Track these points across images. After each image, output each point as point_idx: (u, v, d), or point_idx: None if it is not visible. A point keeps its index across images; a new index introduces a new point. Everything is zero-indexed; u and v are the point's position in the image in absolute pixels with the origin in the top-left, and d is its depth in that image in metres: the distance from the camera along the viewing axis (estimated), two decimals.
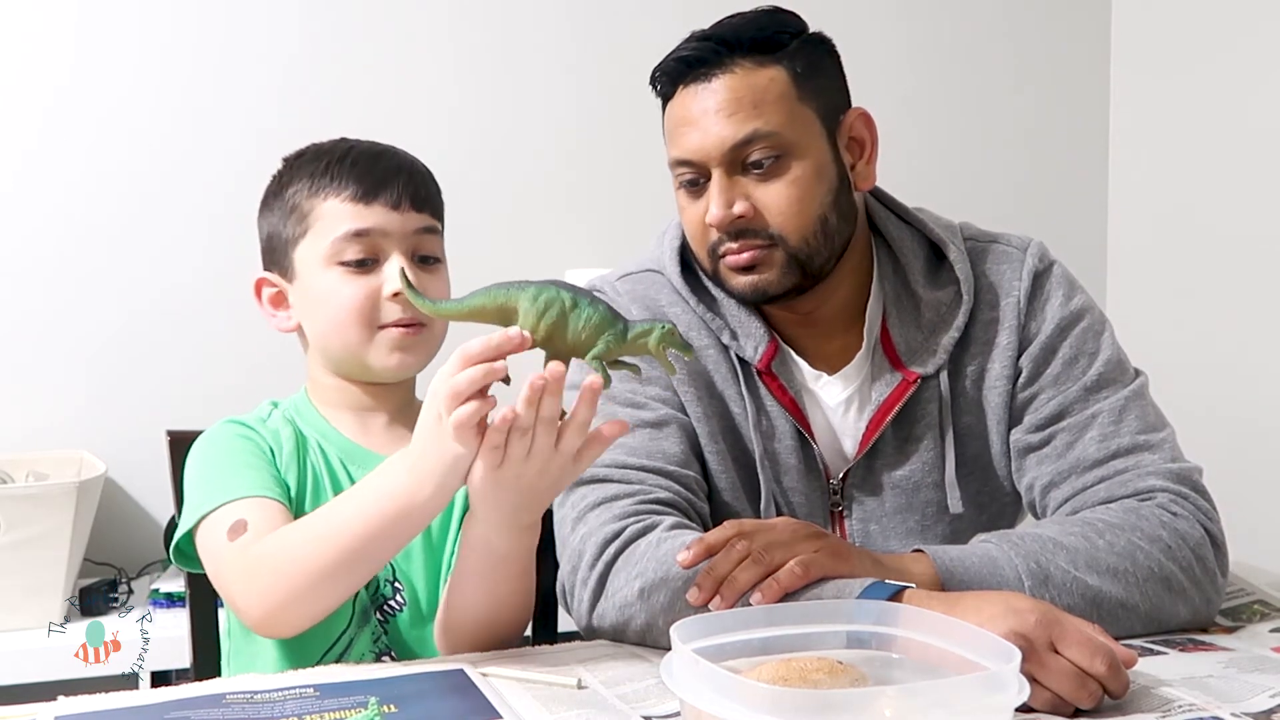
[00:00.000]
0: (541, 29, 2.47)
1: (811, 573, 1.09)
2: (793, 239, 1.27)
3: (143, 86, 2.25)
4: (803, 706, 0.81)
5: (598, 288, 1.39)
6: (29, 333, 2.21)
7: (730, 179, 1.26)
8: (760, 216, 1.26)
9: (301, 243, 1.30)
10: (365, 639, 1.29)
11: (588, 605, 1.19)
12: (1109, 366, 1.31)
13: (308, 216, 1.29)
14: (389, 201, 1.28)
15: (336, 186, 1.28)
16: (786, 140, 1.25)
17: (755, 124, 1.24)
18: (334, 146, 1.33)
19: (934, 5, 2.72)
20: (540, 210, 2.47)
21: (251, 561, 1.15)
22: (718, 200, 1.26)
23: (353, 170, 1.29)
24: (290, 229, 1.31)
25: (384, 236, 1.28)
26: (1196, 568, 1.19)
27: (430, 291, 1.27)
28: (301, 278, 1.30)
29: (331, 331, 1.29)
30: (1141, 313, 2.71)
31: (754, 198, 1.26)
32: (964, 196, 2.61)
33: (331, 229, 1.27)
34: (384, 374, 1.30)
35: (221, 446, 1.29)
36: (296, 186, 1.30)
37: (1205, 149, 2.62)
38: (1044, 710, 0.97)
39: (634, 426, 1.28)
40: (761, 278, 1.28)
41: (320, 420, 1.33)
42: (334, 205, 1.28)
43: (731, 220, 1.26)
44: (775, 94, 1.26)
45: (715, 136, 1.25)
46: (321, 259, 1.28)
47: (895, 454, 1.33)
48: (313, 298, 1.30)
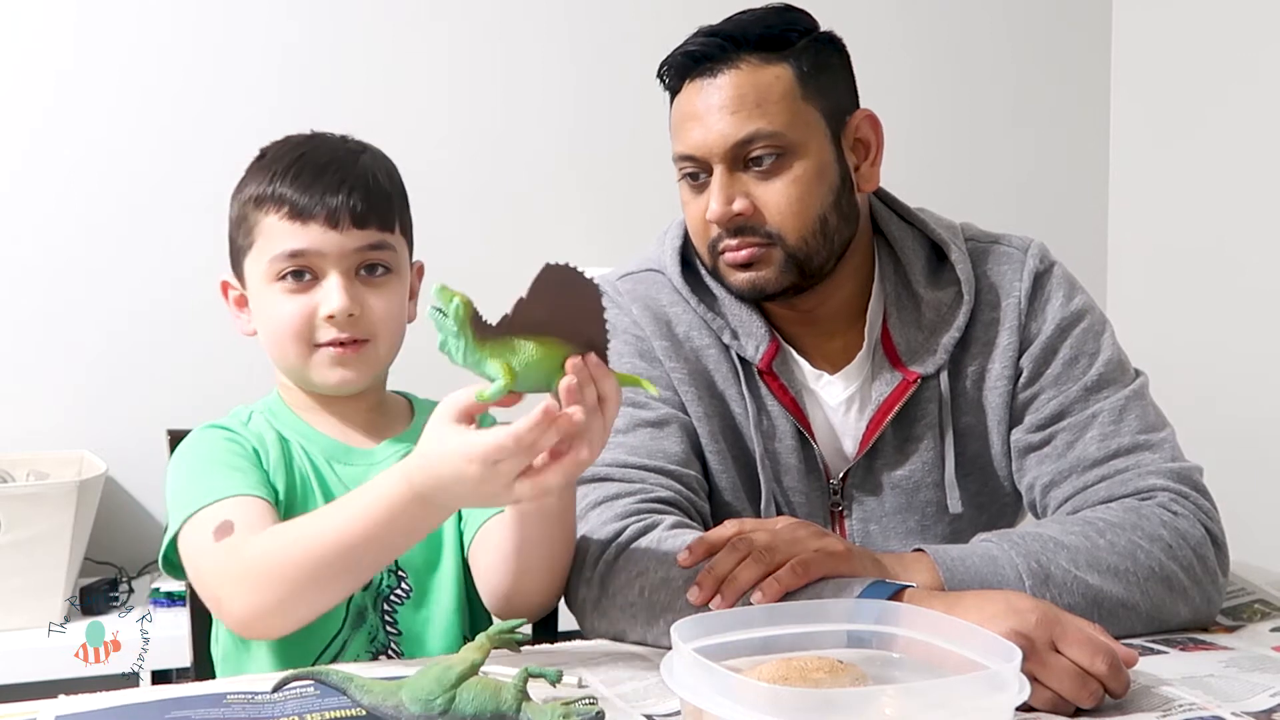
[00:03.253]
0: (542, 27, 2.47)
1: (812, 572, 1.09)
2: (791, 238, 1.27)
3: (142, 86, 2.25)
4: (803, 706, 0.81)
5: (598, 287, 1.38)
6: (29, 333, 2.21)
7: (731, 175, 1.26)
8: (760, 214, 1.26)
9: (248, 255, 1.29)
10: (360, 640, 1.28)
11: (589, 604, 1.19)
12: (1109, 367, 1.31)
13: (253, 230, 1.28)
14: (326, 220, 1.24)
15: (275, 202, 1.26)
16: (788, 139, 1.25)
17: (758, 123, 1.24)
18: (289, 151, 1.30)
19: (935, 6, 2.73)
20: (540, 210, 2.47)
21: (239, 562, 1.13)
22: (718, 197, 1.26)
23: (293, 185, 1.26)
24: (240, 238, 1.30)
25: (320, 257, 1.25)
26: (1197, 567, 1.19)
27: (375, 307, 1.26)
28: (250, 289, 1.30)
29: (273, 346, 1.29)
30: (1141, 313, 2.71)
31: (754, 195, 1.26)
32: (965, 197, 2.61)
33: (270, 247, 1.26)
34: (326, 389, 1.29)
35: (203, 450, 1.27)
36: (247, 192, 1.29)
37: (1205, 149, 2.62)
38: (1045, 709, 0.97)
39: (635, 426, 1.29)
40: (759, 275, 1.28)
41: (298, 421, 1.32)
42: (272, 222, 1.26)
43: (731, 217, 1.26)
44: (779, 92, 1.26)
45: (717, 133, 1.25)
46: (262, 275, 1.27)
47: (895, 454, 1.34)
48: (259, 311, 1.29)
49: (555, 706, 0.91)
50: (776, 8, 1.32)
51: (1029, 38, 2.79)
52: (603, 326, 1.01)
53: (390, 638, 1.29)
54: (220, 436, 1.29)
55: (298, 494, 1.28)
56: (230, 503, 1.19)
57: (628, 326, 1.34)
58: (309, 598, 1.12)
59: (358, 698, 0.95)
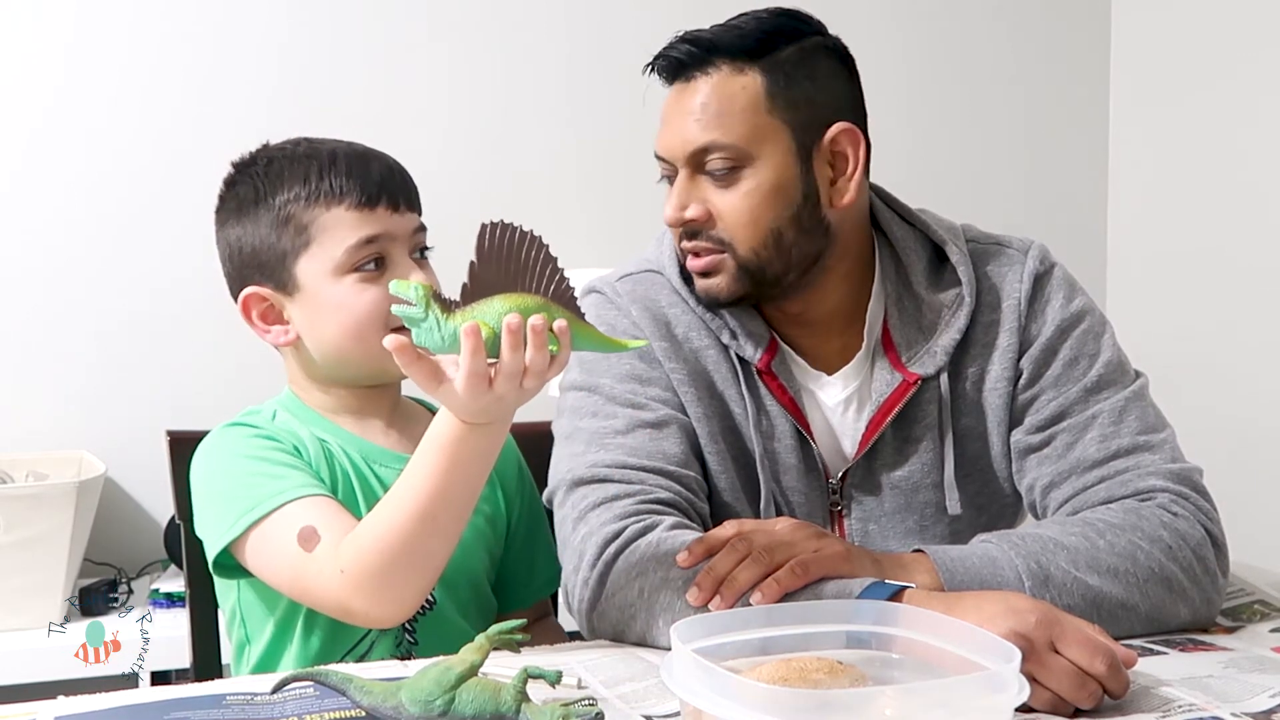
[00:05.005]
0: (541, 28, 2.47)
1: (811, 572, 1.09)
2: (741, 248, 1.27)
3: (140, 86, 2.25)
4: (802, 706, 0.81)
5: (597, 288, 1.39)
6: (29, 333, 2.21)
7: (692, 180, 1.28)
8: (713, 221, 1.27)
9: (304, 255, 1.26)
10: (388, 641, 1.28)
11: (588, 605, 1.19)
12: (1109, 368, 1.31)
13: (309, 228, 1.25)
14: (389, 204, 1.26)
15: (336, 195, 1.25)
16: (743, 152, 1.25)
17: (714, 134, 1.25)
18: (311, 151, 1.29)
19: (935, 7, 2.73)
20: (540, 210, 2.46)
21: (352, 572, 1.13)
22: (672, 200, 1.29)
23: (348, 177, 1.26)
24: (288, 241, 1.26)
25: (391, 240, 1.26)
26: (1197, 568, 1.19)
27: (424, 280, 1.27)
28: (306, 290, 1.27)
29: (348, 339, 1.26)
30: (1141, 313, 2.71)
31: (711, 202, 1.27)
32: (965, 198, 2.61)
33: (340, 239, 1.25)
34: (390, 378, 1.29)
35: (242, 449, 1.26)
36: (285, 196, 1.26)
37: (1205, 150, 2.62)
38: (1044, 710, 0.97)
39: (634, 427, 1.28)
40: (713, 282, 1.29)
41: (327, 423, 1.31)
42: (338, 214, 1.25)
43: (683, 221, 1.28)
44: (742, 104, 1.25)
45: (680, 139, 1.27)
46: (331, 270, 1.25)
47: (895, 455, 1.34)
48: (326, 309, 1.26)
49: (555, 707, 0.91)
50: (778, 11, 1.31)
51: (1029, 38, 2.80)
52: (558, 271, 1.04)
53: (410, 647, 1.29)
54: (252, 434, 1.27)
55: (339, 494, 1.26)
56: (299, 506, 1.19)
57: (627, 328, 1.34)
58: (425, 569, 1.14)
59: (357, 699, 0.95)
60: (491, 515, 1.37)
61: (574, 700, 0.94)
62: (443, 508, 1.12)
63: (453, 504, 1.13)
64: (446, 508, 1.12)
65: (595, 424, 1.29)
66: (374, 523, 1.14)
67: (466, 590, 1.34)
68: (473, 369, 1.02)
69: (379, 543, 1.12)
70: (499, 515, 1.39)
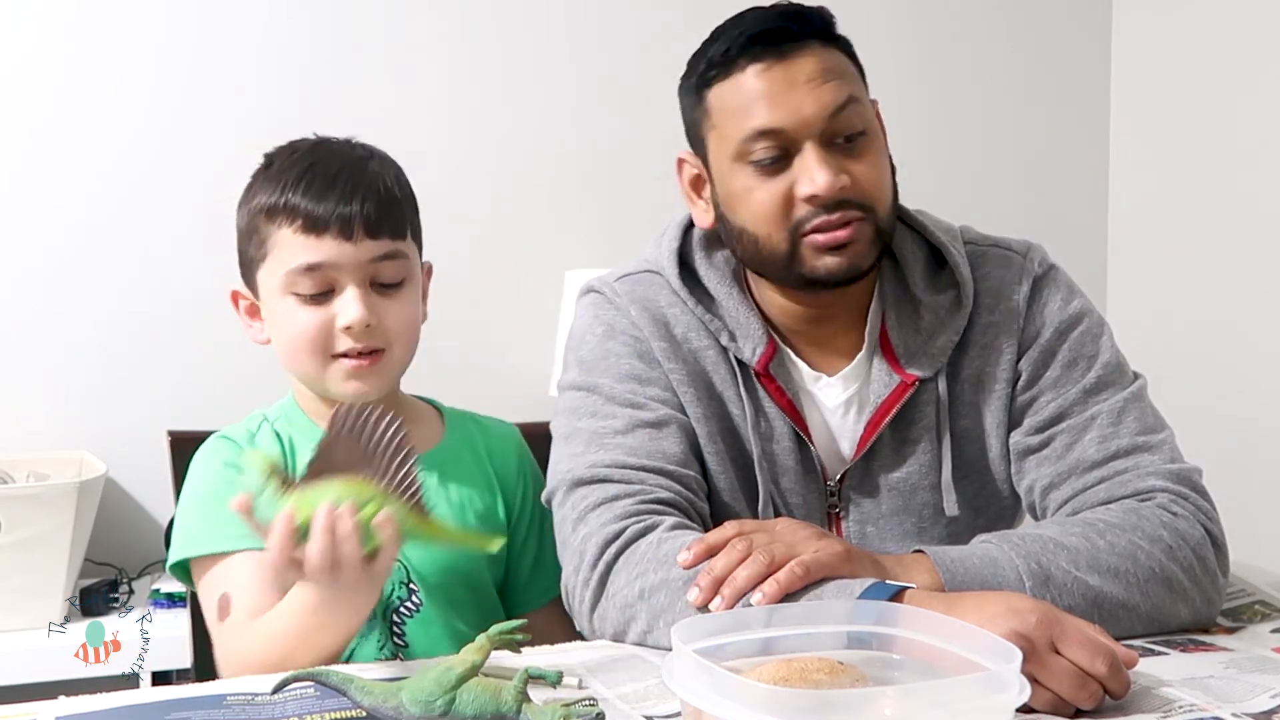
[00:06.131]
0: (542, 27, 2.47)
1: (812, 573, 1.09)
2: (881, 211, 1.27)
3: (140, 87, 2.25)
4: (803, 706, 0.81)
5: (597, 288, 1.39)
6: (29, 333, 2.21)
7: (827, 149, 1.24)
8: (858, 186, 1.25)
9: (261, 267, 1.28)
10: (370, 645, 1.28)
11: (589, 606, 1.19)
12: (1108, 369, 1.31)
13: (265, 242, 1.27)
14: (341, 232, 1.24)
15: (288, 214, 1.25)
16: (867, 115, 1.27)
17: (851, 88, 1.25)
18: (298, 159, 1.29)
19: (935, 8, 2.73)
20: (540, 210, 2.47)
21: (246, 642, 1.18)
22: (824, 169, 1.22)
23: (305, 196, 1.24)
24: (252, 250, 1.29)
25: (336, 269, 1.24)
26: (1197, 568, 1.19)
27: (390, 316, 1.27)
28: (263, 300, 1.30)
29: (288, 357, 1.29)
30: (1141, 313, 2.71)
31: (848, 169, 1.25)
32: (964, 197, 2.61)
33: (285, 260, 1.25)
34: (343, 399, 1.27)
35: (206, 478, 1.30)
36: (257, 202, 1.28)
37: (1205, 150, 2.62)
38: (1045, 710, 0.97)
39: (634, 427, 1.28)
40: (855, 250, 1.25)
41: (315, 428, 1.31)
42: (286, 235, 1.25)
43: (840, 189, 1.23)
44: (851, 73, 1.27)
45: (815, 102, 1.23)
46: (277, 287, 1.26)
47: (893, 456, 1.33)
48: (273, 321, 1.29)
49: (555, 708, 0.91)
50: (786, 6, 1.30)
51: (1029, 36, 2.80)
52: (409, 459, 1.05)
53: (398, 649, 1.29)
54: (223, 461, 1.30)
55: None
56: (228, 563, 1.23)
57: (626, 328, 1.34)
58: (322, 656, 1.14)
59: (358, 699, 0.95)
60: (484, 513, 1.37)
61: (575, 701, 0.94)
62: (320, 635, 1.14)
63: (330, 631, 1.14)
64: (324, 634, 1.14)
65: (594, 424, 1.29)
66: (267, 627, 1.17)
67: (458, 590, 1.33)
68: (276, 556, 1.04)
69: (271, 640, 1.15)
70: (494, 513, 1.38)
